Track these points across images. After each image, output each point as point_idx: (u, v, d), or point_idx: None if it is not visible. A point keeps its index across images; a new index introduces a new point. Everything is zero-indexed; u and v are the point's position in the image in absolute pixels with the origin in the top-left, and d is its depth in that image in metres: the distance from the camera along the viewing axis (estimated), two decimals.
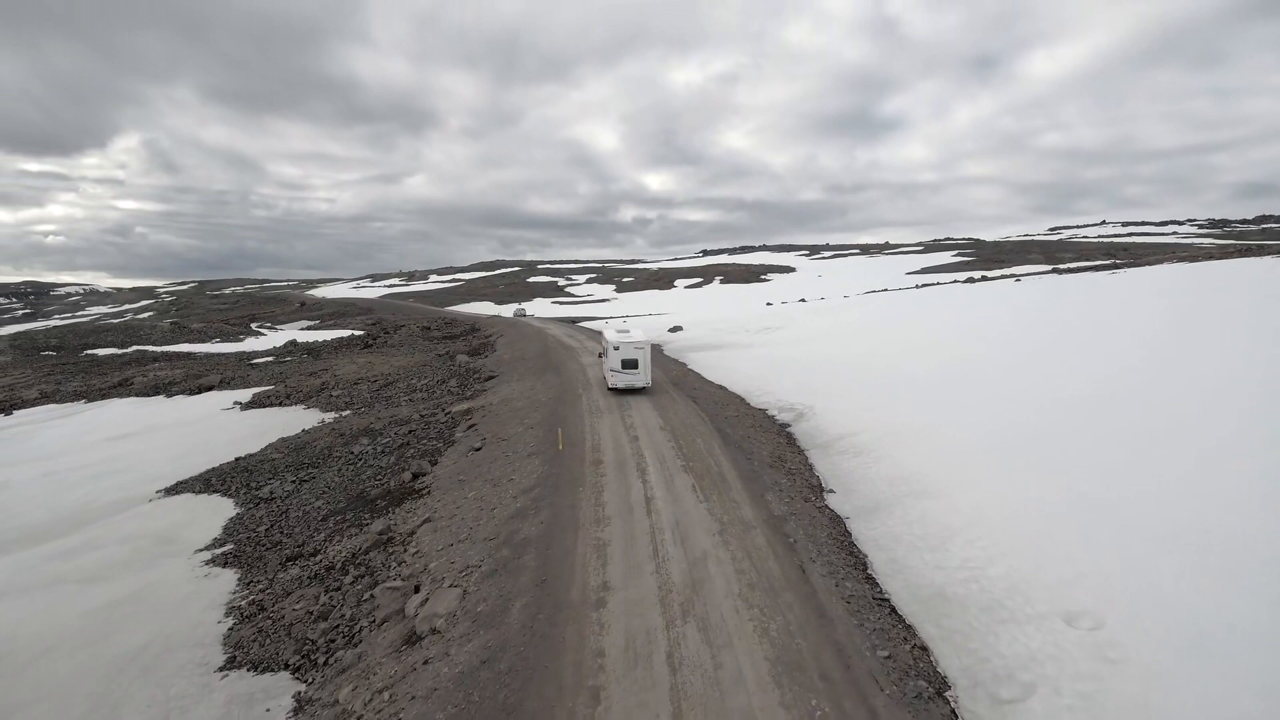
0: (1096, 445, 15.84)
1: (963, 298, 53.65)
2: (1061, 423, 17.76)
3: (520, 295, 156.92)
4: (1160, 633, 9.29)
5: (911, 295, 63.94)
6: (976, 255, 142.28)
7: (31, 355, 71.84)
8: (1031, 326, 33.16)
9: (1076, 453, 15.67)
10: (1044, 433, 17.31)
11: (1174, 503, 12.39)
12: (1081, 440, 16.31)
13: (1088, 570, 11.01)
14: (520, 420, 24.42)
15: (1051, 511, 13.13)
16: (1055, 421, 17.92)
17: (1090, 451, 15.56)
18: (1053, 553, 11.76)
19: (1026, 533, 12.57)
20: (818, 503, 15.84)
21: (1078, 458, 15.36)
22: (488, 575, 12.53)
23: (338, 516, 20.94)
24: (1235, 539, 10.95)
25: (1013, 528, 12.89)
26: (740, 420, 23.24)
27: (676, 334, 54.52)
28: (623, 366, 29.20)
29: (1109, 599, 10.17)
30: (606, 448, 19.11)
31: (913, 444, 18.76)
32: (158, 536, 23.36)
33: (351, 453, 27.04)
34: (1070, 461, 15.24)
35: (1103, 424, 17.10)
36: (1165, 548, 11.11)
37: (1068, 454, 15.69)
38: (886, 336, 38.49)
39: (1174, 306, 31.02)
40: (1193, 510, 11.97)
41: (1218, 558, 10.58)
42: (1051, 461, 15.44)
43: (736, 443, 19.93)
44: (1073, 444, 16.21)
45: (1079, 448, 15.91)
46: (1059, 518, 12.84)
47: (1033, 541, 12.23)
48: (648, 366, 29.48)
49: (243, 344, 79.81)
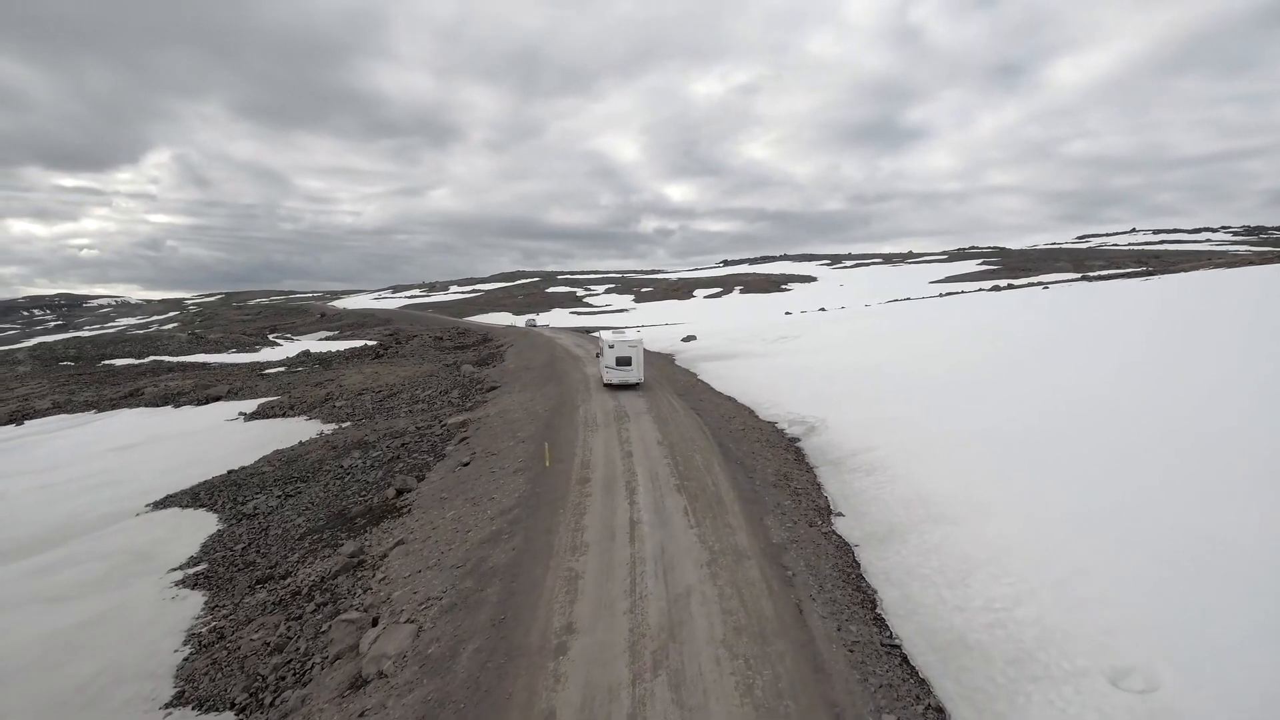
0: (1139, 462, 14.08)
1: (987, 305, 51.53)
2: (1099, 435, 15.98)
3: (539, 306, 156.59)
4: (1231, 700, 7.62)
5: (934, 303, 61.87)
6: (1002, 264, 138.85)
7: (50, 365, 72.47)
8: (1061, 333, 31.14)
9: (1117, 470, 13.92)
10: (1079, 447, 15.55)
11: (1247, 537, 10.65)
12: (1123, 457, 14.55)
13: (1135, 615, 9.34)
14: (513, 433, 23.12)
15: (1090, 541, 11.44)
16: (1092, 434, 16.15)
17: (1133, 469, 13.81)
18: (1091, 592, 10.09)
19: (1060, 566, 10.91)
20: (824, 528, 14.26)
21: (1119, 476, 13.62)
22: (446, 610, 11.17)
23: (315, 535, 19.76)
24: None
25: (1044, 560, 11.22)
26: (746, 434, 21.69)
27: (689, 343, 53.05)
28: (617, 364, 31.69)
29: (1163, 653, 8.50)
30: (597, 464, 17.70)
31: (931, 460, 17.10)
32: (136, 553, 22.39)
33: (341, 466, 25.95)
34: (1111, 481, 13.50)
35: (1146, 436, 15.32)
36: (1234, 592, 9.40)
37: (1107, 472, 13.94)
38: (906, 344, 36.67)
39: (1218, 310, 28.90)
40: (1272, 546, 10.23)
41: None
42: (1088, 481, 13.72)
43: (739, 459, 18.40)
44: (1112, 460, 14.46)
45: (1119, 465, 14.16)
46: (1098, 549, 11.15)
47: (1067, 577, 10.57)
48: (640, 364, 32.00)
49: (258, 354, 79.87)
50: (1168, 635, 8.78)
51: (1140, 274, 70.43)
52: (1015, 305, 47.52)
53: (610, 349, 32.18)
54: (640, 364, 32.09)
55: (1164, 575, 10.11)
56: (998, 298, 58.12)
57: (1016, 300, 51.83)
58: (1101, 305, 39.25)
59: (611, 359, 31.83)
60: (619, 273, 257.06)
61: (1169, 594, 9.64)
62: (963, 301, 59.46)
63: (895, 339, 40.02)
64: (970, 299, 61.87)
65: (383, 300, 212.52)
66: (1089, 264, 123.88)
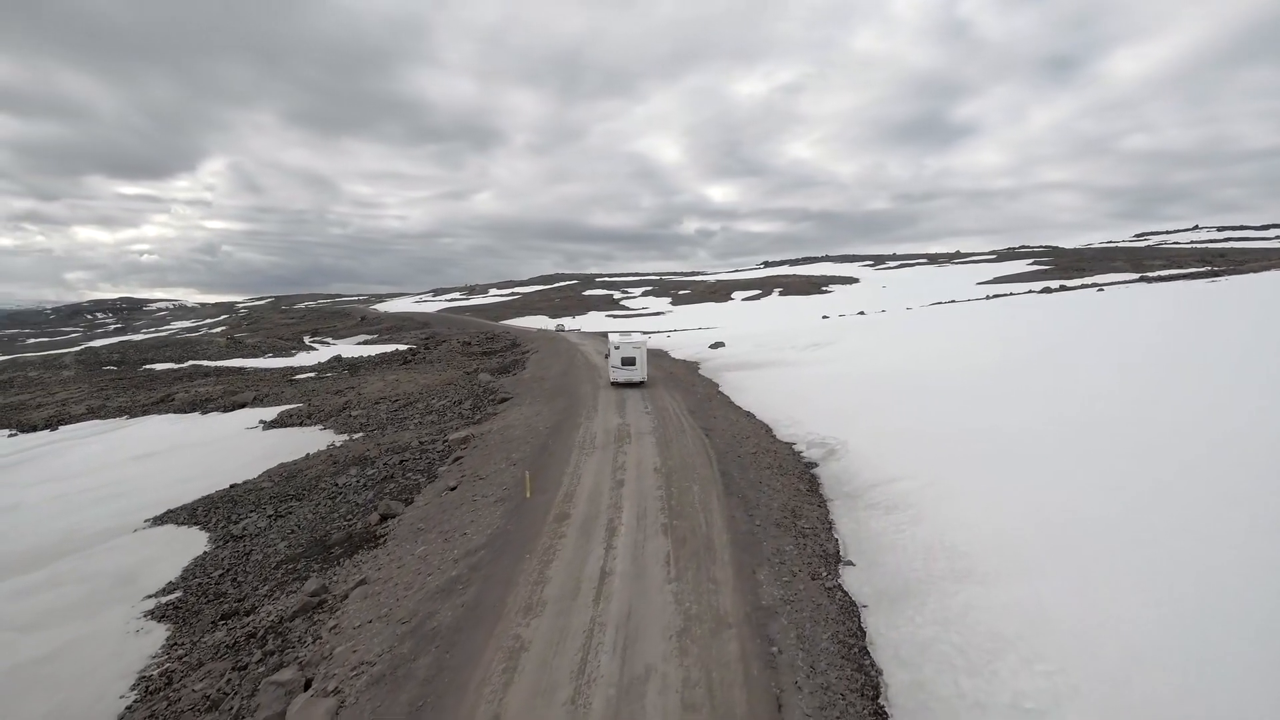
0: (1235, 522, 11.63)
1: (1038, 309, 48.09)
2: (1188, 484, 13.45)
3: (575, 309, 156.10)
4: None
5: (980, 307, 58.38)
6: (1054, 264, 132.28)
7: (94, 370, 74.24)
8: (1132, 344, 27.50)
9: (1208, 531, 11.47)
10: (1157, 497, 13.06)
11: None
12: (1214, 514, 12.08)
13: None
14: (508, 454, 21.62)
15: (1160, 618, 9.23)
16: (1179, 482, 13.62)
17: (1227, 529, 11.39)
18: (1160, 691, 7.96)
19: (1117, 652, 8.77)
20: (828, 581, 12.28)
21: (1211, 541, 11.16)
22: (373, 682, 9.63)
23: (291, 564, 18.55)
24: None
25: (1095, 641, 9.07)
26: (757, 459, 19.72)
27: (717, 350, 51.00)
28: (622, 364, 34.55)
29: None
30: (581, 496, 16.01)
31: (962, 497, 14.91)
32: (120, 576, 21.59)
33: (336, 485, 24.86)
34: (1198, 547, 11.06)
35: (1249, 485, 12.82)
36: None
37: (1195, 533, 11.46)
38: (946, 353, 33.93)
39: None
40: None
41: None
42: (1165, 542, 11.33)
43: (742, 491, 16.47)
44: (1202, 516, 11.96)
45: (1210, 523, 11.71)
46: (1173, 630, 8.94)
47: (1126, 670, 8.43)
48: (644, 364, 34.78)
49: (292, 359, 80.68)
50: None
51: (1205, 274, 65.51)
52: (1069, 310, 44.08)
53: (616, 350, 34.83)
54: (644, 364, 34.72)
55: (1261, 668, 7.89)
56: (1049, 300, 54.44)
57: (1070, 303, 48.25)
58: (1173, 308, 35.80)
59: (617, 359, 34.59)
60: (657, 274, 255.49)
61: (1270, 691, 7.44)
62: (1011, 304, 55.90)
63: (936, 347, 37.27)
64: (1019, 302, 58.24)
65: (424, 303, 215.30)
66: (1148, 264, 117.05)
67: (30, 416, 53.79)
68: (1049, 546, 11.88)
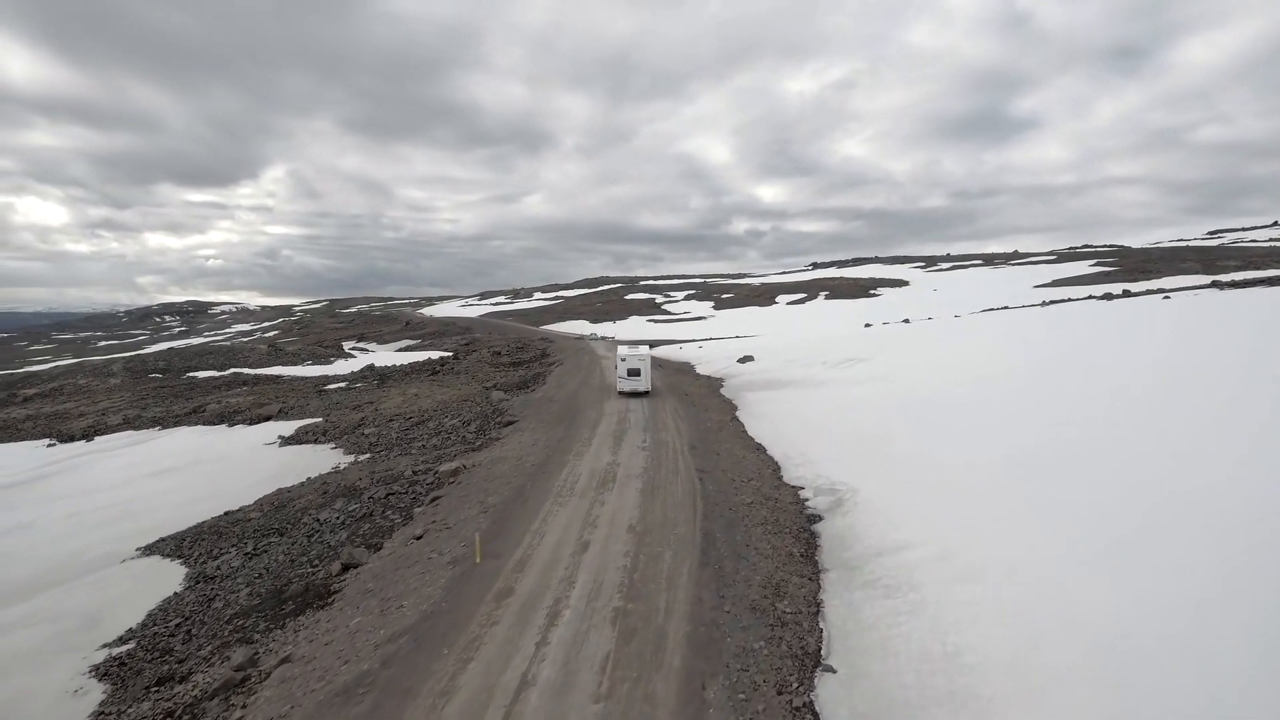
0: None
1: (1097, 320, 44.02)
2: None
3: (616, 313, 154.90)
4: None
5: (1033, 316, 54.21)
6: (1119, 265, 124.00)
7: (140, 377, 76.33)
8: (1196, 375, 23.36)
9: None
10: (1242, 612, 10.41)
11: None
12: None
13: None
14: (484, 498, 20.01)
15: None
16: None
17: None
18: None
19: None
20: (797, 697, 10.13)
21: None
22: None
23: (243, 619, 17.30)
24: None
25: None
26: (751, 512, 17.54)
27: (745, 365, 48.58)
28: (628, 374, 36.47)
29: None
30: (536, 563, 14.19)
31: (980, 582, 12.49)
32: (88, 617, 20.86)
33: (318, 520, 23.71)
34: None
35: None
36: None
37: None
38: (992, 374, 30.60)
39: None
40: None
41: None
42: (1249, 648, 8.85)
43: (721, 560, 14.37)
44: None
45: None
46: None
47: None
48: (648, 374, 36.81)
49: (329, 366, 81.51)
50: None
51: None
52: (1132, 320, 40.01)
53: (622, 361, 36.95)
54: (648, 375, 36.79)
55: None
56: (1110, 310, 50.02)
57: (1134, 314, 43.97)
58: (1248, 328, 31.74)
59: (624, 370, 36.62)
60: (701, 277, 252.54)
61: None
62: (1068, 314, 51.64)
63: (978, 365, 33.96)
64: (1077, 310, 53.82)
65: (469, 307, 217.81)
66: (1220, 264, 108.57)
67: (71, 426, 55.23)
68: (1080, 677, 9.44)
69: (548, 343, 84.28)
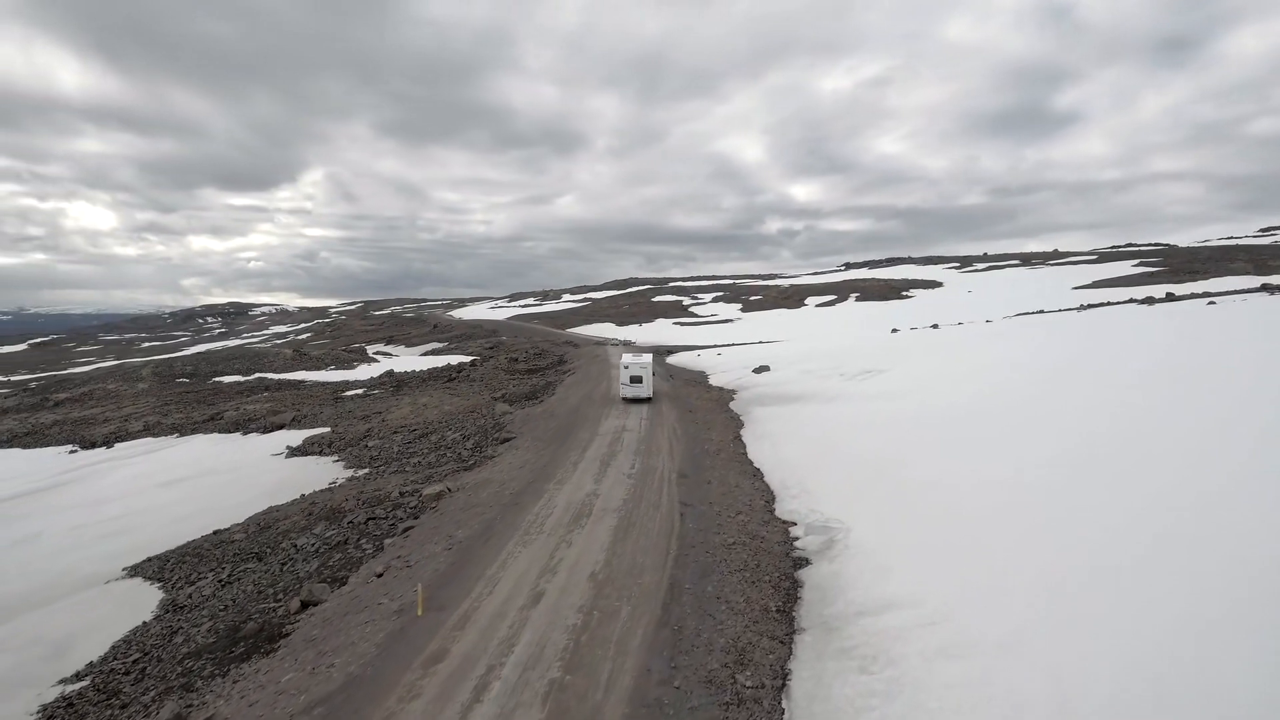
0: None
1: (1136, 326, 41.27)
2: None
3: (643, 316, 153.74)
4: None
5: (1069, 322, 51.33)
6: (1165, 264, 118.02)
7: (167, 382, 77.59)
8: (1241, 400, 20.44)
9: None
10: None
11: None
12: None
13: None
14: (454, 531, 18.98)
15: None
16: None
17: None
18: None
19: None
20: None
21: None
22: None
23: (194, 660, 16.50)
24: None
25: None
26: (731, 554, 16.14)
27: (760, 376, 46.88)
28: (630, 381, 38.20)
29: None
30: (479, 620, 13.02)
31: (975, 656, 10.91)
32: (55, 645, 20.46)
33: (295, 546, 22.99)
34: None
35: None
36: None
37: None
38: (1019, 390, 28.36)
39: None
40: None
41: None
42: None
43: (682, 619, 13.01)
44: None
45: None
46: None
47: None
48: (650, 381, 38.53)
49: (351, 371, 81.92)
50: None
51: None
52: (1178, 327, 37.16)
53: (625, 369, 38.51)
54: (650, 382, 38.45)
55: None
56: (1152, 316, 46.99)
57: (1179, 320, 40.99)
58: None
59: (626, 377, 38.28)
60: (731, 278, 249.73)
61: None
62: (1107, 321, 48.64)
63: (1004, 379, 31.75)
64: (1117, 315, 50.78)
65: (498, 309, 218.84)
66: (1273, 264, 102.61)
67: (94, 432, 56.10)
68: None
69: (574, 346, 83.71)
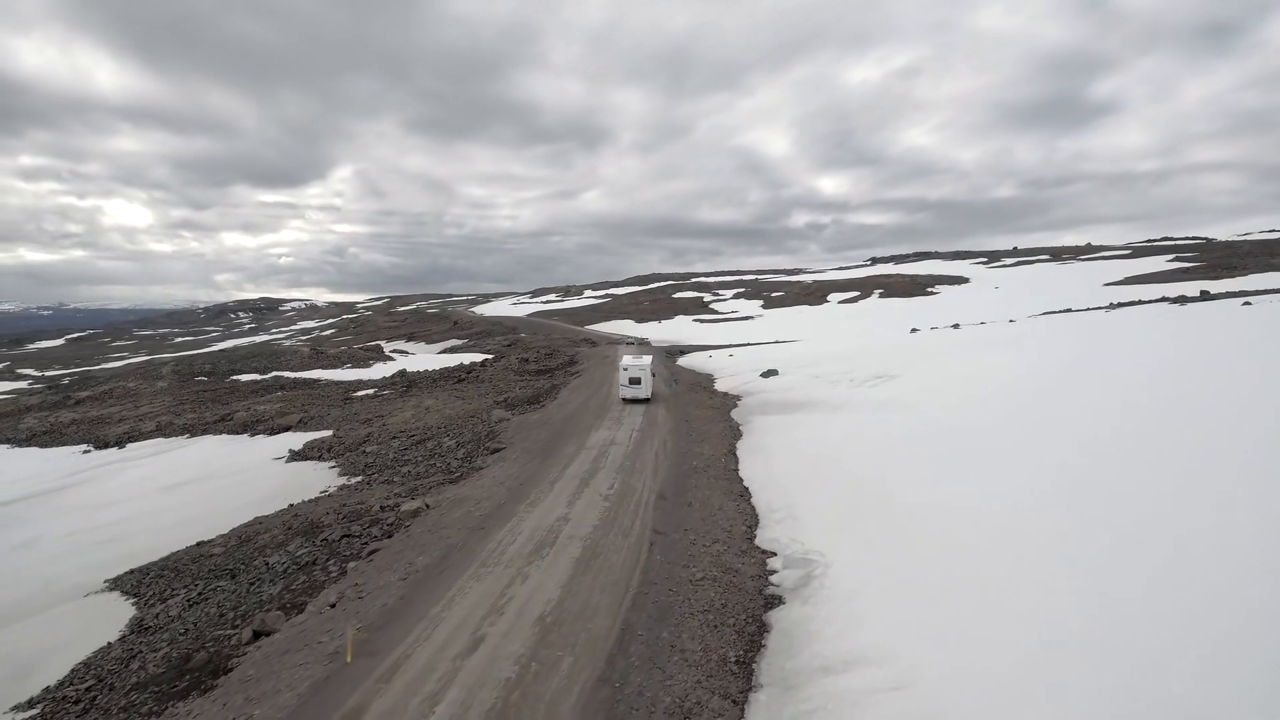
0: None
1: (1165, 329, 38.88)
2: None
3: (663, 313, 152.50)
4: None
5: (1096, 322, 48.86)
6: (1202, 259, 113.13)
7: (186, 381, 78.52)
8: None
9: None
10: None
11: None
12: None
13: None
14: (413, 558, 18.21)
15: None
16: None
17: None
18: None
19: None
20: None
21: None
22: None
23: (140, 692, 15.93)
24: None
25: None
26: (697, 592, 15.07)
27: (768, 380, 45.54)
28: (629, 383, 39.44)
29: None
30: (409, 670, 12.15)
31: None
32: (20, 666, 20.21)
33: (267, 564, 22.44)
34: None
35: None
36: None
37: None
38: (1037, 403, 26.54)
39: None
40: None
41: None
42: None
43: (626, 673, 11.99)
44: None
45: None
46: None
47: None
48: (649, 383, 39.94)
49: (366, 370, 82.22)
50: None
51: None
52: (1208, 331, 34.78)
53: (624, 370, 39.81)
54: (649, 382, 39.91)
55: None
56: (1182, 317, 44.38)
57: (1208, 323, 38.49)
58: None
59: (625, 379, 39.58)
60: (754, 273, 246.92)
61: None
62: (1135, 321, 46.09)
63: (1020, 387, 29.93)
64: (1146, 317, 48.14)
65: (520, 304, 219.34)
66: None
67: (108, 432, 56.82)
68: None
69: (591, 344, 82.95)
